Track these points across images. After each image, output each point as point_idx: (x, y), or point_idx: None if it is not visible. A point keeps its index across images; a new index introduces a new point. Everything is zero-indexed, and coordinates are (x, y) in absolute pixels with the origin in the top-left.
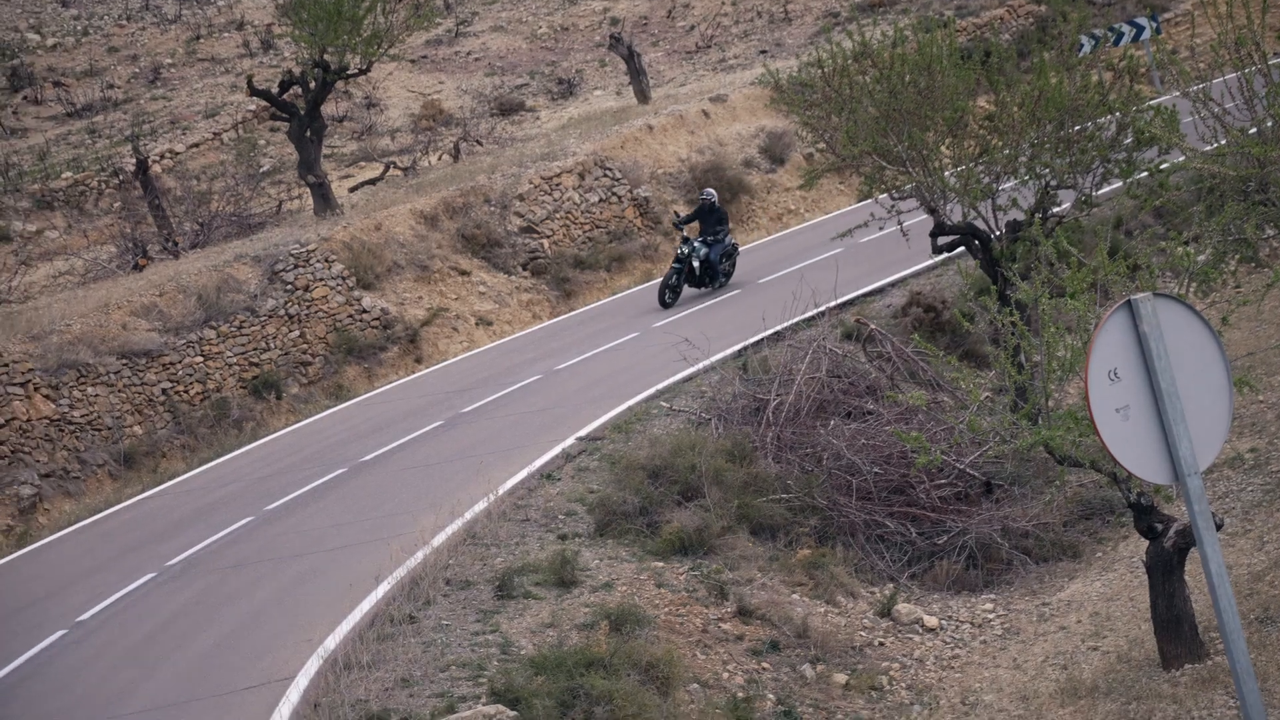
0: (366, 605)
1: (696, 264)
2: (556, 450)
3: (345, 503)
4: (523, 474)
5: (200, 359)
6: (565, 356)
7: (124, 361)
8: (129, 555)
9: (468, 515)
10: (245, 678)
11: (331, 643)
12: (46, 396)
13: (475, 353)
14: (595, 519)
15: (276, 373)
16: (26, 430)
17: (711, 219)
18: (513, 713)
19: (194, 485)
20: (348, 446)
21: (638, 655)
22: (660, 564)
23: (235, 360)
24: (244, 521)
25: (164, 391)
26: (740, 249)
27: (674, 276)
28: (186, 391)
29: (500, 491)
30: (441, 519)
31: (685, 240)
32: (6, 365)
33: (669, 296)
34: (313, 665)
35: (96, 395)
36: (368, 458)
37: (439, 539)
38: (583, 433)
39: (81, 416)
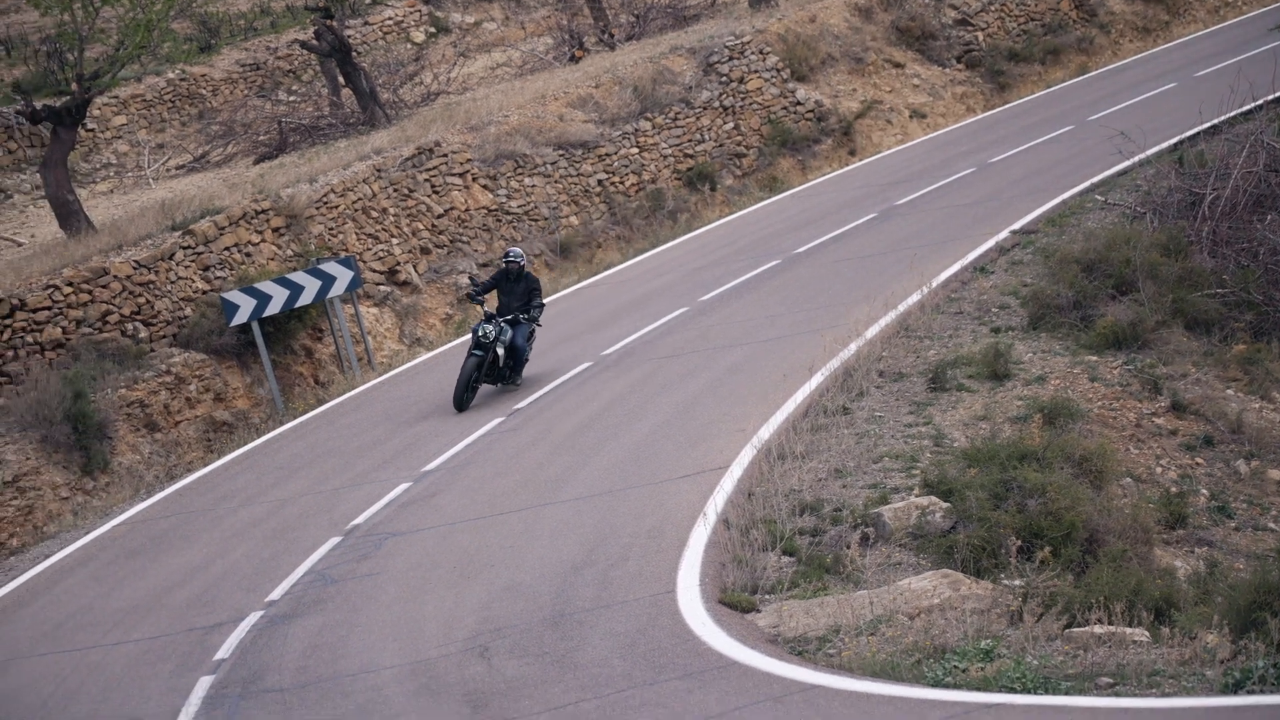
0: (800, 396)
1: (502, 352)
2: (990, 243)
3: (778, 294)
4: (956, 267)
5: (635, 150)
6: (998, 149)
7: (560, 153)
8: (565, 344)
9: (901, 307)
10: (679, 466)
11: (765, 432)
12: (485, 187)
13: (908, 145)
14: (1028, 312)
15: (711, 164)
16: (465, 220)
17: (518, 289)
18: (945, 504)
19: (628, 275)
20: (781, 238)
21: (1071, 448)
22: (1093, 358)
23: (670, 152)
24: (678, 312)
25: (599, 183)
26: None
27: (475, 370)
28: (621, 183)
29: (933, 284)
30: (874, 311)
31: (489, 318)
32: (446, 156)
33: (468, 397)
34: (746, 454)
35: (533, 186)
36: (801, 250)
37: (872, 331)
38: (1016, 226)
39: (518, 207)
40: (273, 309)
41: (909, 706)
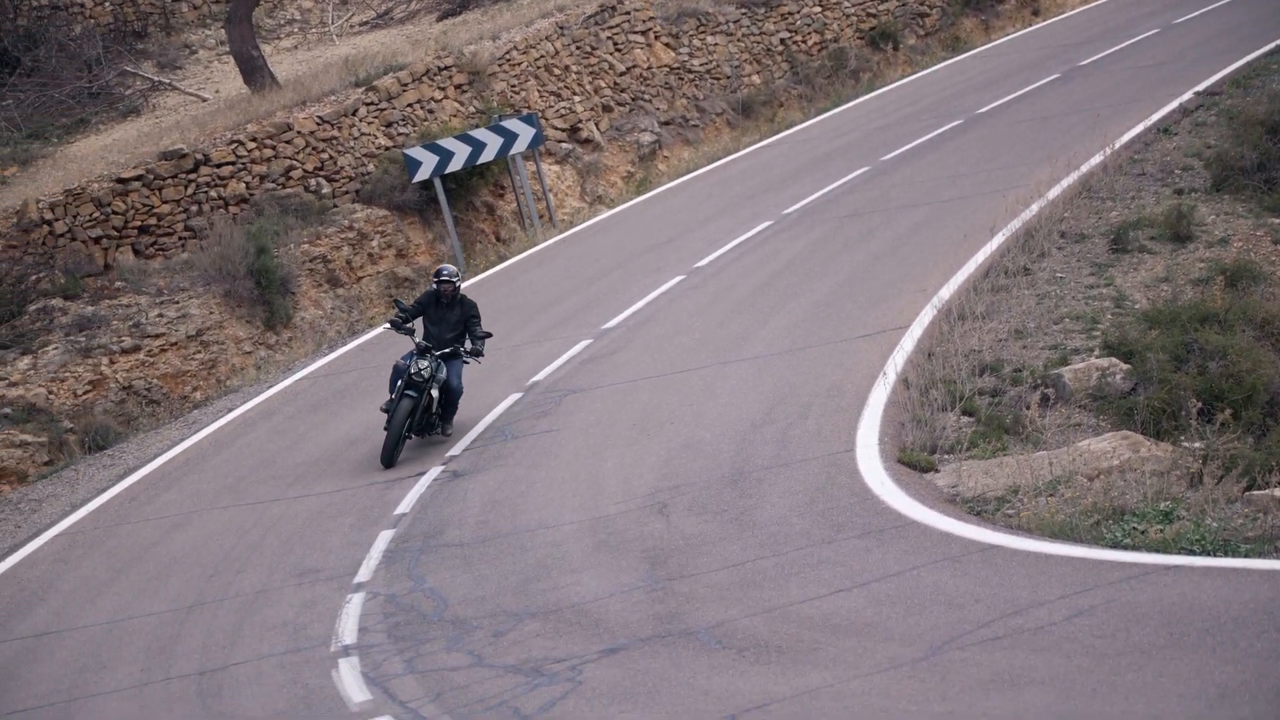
0: (980, 256)
1: (436, 394)
2: (1173, 105)
3: (960, 154)
4: (1139, 128)
5: (818, 9)
6: (1183, 10)
7: (742, 11)
8: (746, 203)
9: (1083, 168)
10: (860, 325)
11: (945, 292)
12: (667, 45)
13: (1092, 5)
14: (1211, 174)
15: (894, 23)
16: (647, 78)
17: (451, 316)
18: (1126, 365)
19: (810, 135)
20: (963, 98)
21: (1253, 311)
22: (1277, 220)
23: (853, 11)
24: (859, 171)
25: (782, 41)
26: None
27: (409, 416)
28: (804, 42)
29: (1116, 145)
30: (1056, 172)
31: (423, 351)
32: (629, 13)
33: (399, 450)
34: (927, 314)
35: (715, 44)
36: (983, 110)
37: (1054, 191)
38: (1200, 87)
39: (700, 65)
40: (454, 165)
41: (1087, 567)
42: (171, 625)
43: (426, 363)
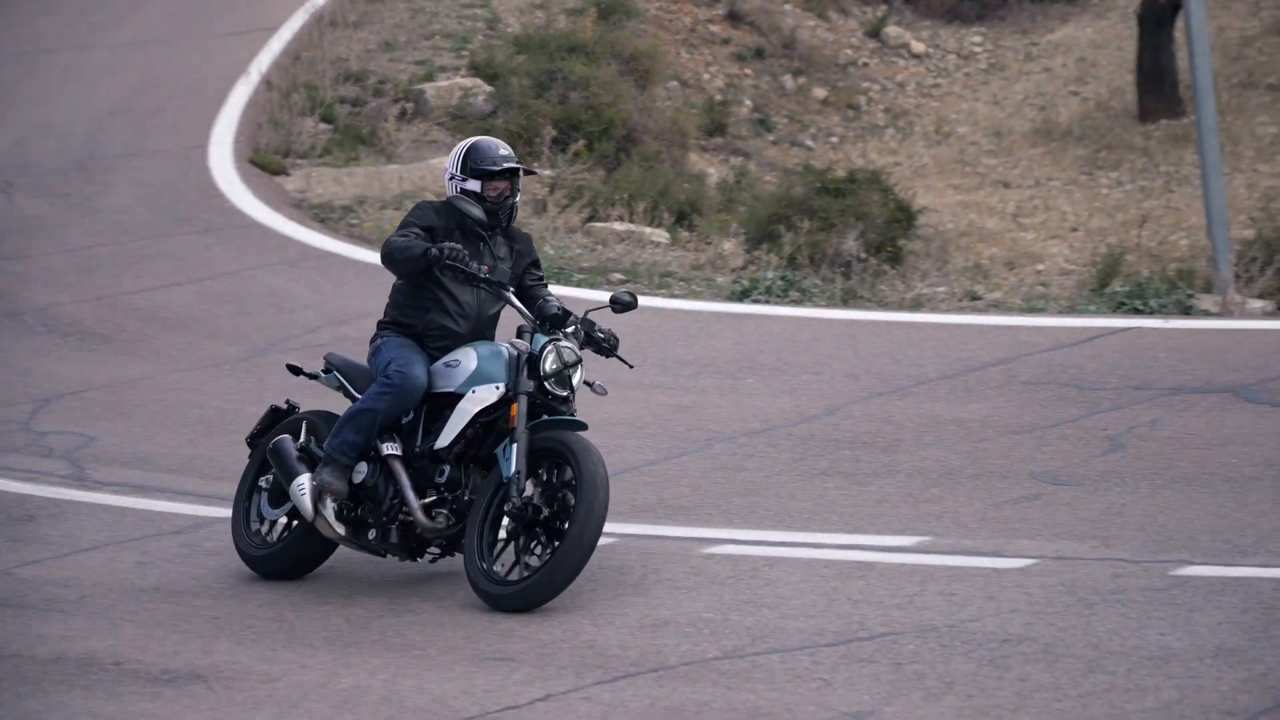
0: None
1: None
2: None
3: None
4: None
5: None
6: None
7: None
8: None
9: None
10: (228, 23)
11: None
12: None
13: None
14: None
15: None
16: None
17: (503, 255)
18: (490, 88)
19: None
20: None
21: (621, 45)
22: None
23: None
24: None
25: None
26: None
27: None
28: None
29: None
30: None
31: (558, 321)
32: None
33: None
34: (298, 19)
35: None
36: None
37: None
38: None
39: None
40: None
41: None
42: None
43: (570, 346)
